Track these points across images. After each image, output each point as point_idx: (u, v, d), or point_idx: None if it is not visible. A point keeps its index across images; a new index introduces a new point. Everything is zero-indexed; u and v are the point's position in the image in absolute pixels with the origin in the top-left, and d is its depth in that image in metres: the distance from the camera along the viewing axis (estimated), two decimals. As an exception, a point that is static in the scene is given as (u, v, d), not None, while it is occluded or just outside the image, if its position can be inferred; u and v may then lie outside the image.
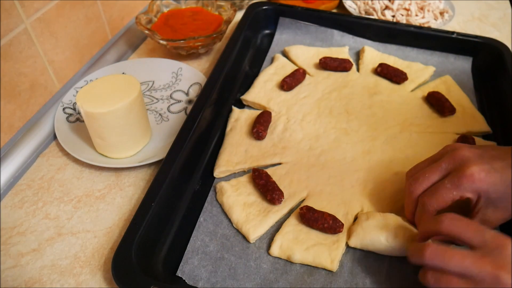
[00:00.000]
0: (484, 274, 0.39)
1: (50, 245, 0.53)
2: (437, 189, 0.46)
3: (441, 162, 0.47)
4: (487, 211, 0.46)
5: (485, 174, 0.44)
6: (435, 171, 0.47)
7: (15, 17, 0.59)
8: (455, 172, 0.45)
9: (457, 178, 0.45)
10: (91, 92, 0.58)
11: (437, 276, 0.41)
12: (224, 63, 0.71)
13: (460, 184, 0.44)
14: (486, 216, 0.46)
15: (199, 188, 0.58)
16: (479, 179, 0.44)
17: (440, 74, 0.76)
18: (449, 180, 0.45)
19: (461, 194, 0.45)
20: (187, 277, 0.48)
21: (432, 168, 0.48)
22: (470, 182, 0.44)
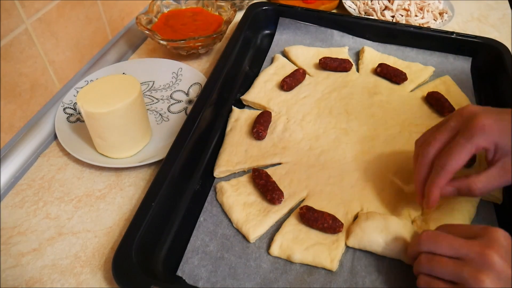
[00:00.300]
0: (473, 254, 0.40)
1: (50, 244, 0.53)
2: (451, 148, 0.45)
3: (450, 122, 0.47)
4: (506, 160, 0.45)
5: (494, 122, 0.44)
6: (444, 131, 0.47)
7: (16, 17, 0.60)
8: (465, 127, 0.45)
9: (468, 131, 0.44)
10: (91, 92, 0.58)
11: (429, 257, 0.42)
12: (224, 63, 0.71)
13: (472, 136, 0.44)
14: (507, 166, 0.45)
15: (199, 188, 0.59)
16: (490, 127, 0.44)
17: (440, 74, 0.77)
18: (461, 135, 0.45)
19: (476, 146, 0.45)
20: (187, 276, 0.48)
21: (441, 129, 0.47)
22: (482, 132, 0.44)
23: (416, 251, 0.45)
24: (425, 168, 0.48)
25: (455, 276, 0.41)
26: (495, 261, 0.39)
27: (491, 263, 0.39)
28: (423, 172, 0.49)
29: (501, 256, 0.39)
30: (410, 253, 0.47)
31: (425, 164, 0.48)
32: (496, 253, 0.39)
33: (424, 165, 0.48)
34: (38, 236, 0.54)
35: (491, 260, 0.39)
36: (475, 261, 0.40)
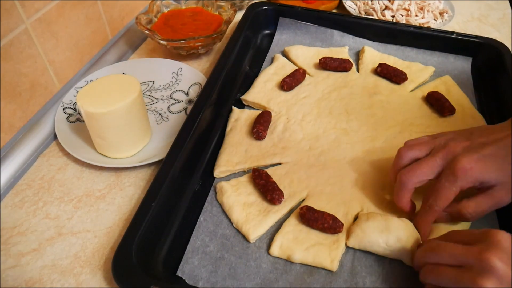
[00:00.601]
0: (472, 259, 0.40)
1: (50, 245, 0.53)
2: (437, 190, 0.49)
3: (436, 158, 0.49)
4: (494, 190, 0.48)
5: (475, 163, 0.47)
6: (430, 167, 0.49)
7: (16, 17, 0.60)
8: (448, 169, 0.48)
9: (451, 174, 0.47)
10: (91, 92, 0.58)
11: (431, 268, 0.43)
12: (224, 63, 0.71)
13: (455, 179, 0.47)
14: (495, 194, 0.48)
15: (199, 188, 0.59)
16: (470, 169, 0.47)
17: (440, 74, 0.77)
18: (445, 179, 0.48)
19: (460, 187, 0.48)
20: (187, 277, 0.48)
21: (428, 163, 0.50)
22: (464, 175, 0.47)
23: (421, 261, 0.46)
24: (407, 194, 0.51)
25: (457, 284, 0.41)
26: (494, 264, 0.39)
27: (490, 267, 0.39)
28: (406, 198, 0.51)
29: (500, 258, 0.39)
30: (416, 262, 0.47)
31: (406, 190, 0.51)
32: (495, 256, 0.39)
33: (406, 191, 0.51)
34: (38, 236, 0.54)
35: (490, 264, 0.39)
36: (475, 266, 0.40)
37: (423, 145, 0.52)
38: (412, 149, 0.52)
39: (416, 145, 0.52)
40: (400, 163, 0.52)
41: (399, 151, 0.53)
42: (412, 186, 0.50)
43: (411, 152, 0.52)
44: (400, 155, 0.53)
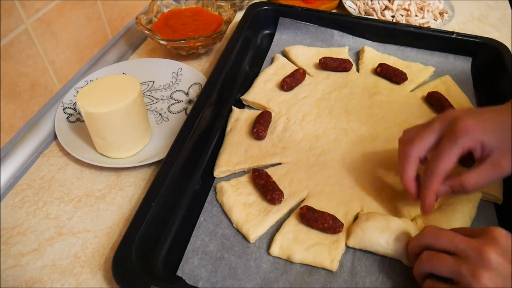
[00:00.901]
0: (470, 250, 0.41)
1: (50, 245, 0.53)
2: (439, 152, 0.47)
3: (434, 123, 0.49)
4: (494, 156, 0.47)
5: (476, 122, 0.46)
6: (429, 132, 0.49)
7: (16, 17, 0.60)
8: (449, 131, 0.47)
9: (452, 134, 0.47)
10: (91, 92, 0.58)
11: (430, 254, 0.43)
12: (224, 63, 0.71)
13: (457, 138, 0.46)
14: (496, 161, 0.46)
15: (199, 188, 0.59)
16: (472, 128, 0.46)
17: (440, 74, 0.77)
18: (446, 139, 0.47)
19: (462, 148, 0.46)
20: (187, 276, 0.48)
21: (426, 130, 0.49)
22: (465, 133, 0.46)
23: (417, 244, 0.46)
24: (412, 167, 0.50)
25: (454, 273, 0.41)
26: (492, 258, 0.39)
27: (488, 260, 0.39)
28: (410, 171, 0.50)
29: (498, 253, 0.40)
30: (411, 247, 0.47)
31: (411, 162, 0.50)
32: (493, 250, 0.40)
33: (410, 163, 0.50)
34: (38, 236, 0.54)
35: (488, 257, 0.40)
36: (473, 258, 0.40)
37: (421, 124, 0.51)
38: (409, 131, 0.52)
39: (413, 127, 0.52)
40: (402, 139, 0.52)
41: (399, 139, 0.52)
42: (415, 156, 0.49)
43: (409, 133, 0.52)
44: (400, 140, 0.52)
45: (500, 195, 0.57)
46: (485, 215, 0.55)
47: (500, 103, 0.53)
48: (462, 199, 0.54)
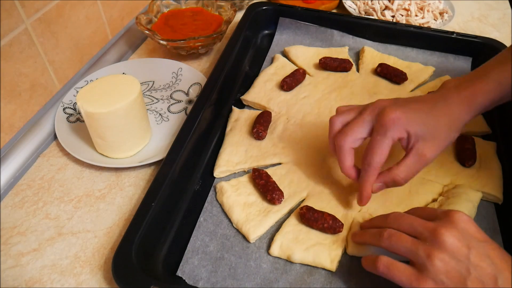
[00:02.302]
0: (427, 232, 0.42)
1: (50, 245, 0.53)
2: (372, 146, 0.50)
3: (364, 115, 0.51)
4: (419, 146, 0.49)
5: (401, 113, 0.48)
6: (361, 124, 0.51)
7: (16, 17, 0.59)
8: (378, 123, 0.49)
9: (381, 127, 0.49)
10: (91, 92, 0.58)
11: (391, 233, 0.44)
12: (224, 63, 0.71)
13: (386, 131, 0.48)
14: (420, 151, 0.49)
15: (199, 188, 0.59)
16: (398, 119, 0.48)
17: (440, 74, 0.77)
18: (377, 132, 0.49)
19: (392, 138, 0.49)
20: (187, 277, 0.48)
21: (358, 121, 0.51)
22: (393, 125, 0.48)
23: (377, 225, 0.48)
24: (347, 157, 0.52)
25: (411, 253, 0.42)
26: (447, 240, 0.40)
27: (443, 242, 0.40)
28: (347, 161, 0.52)
29: (454, 236, 0.40)
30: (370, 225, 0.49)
31: (346, 153, 0.52)
32: (449, 232, 0.41)
33: (346, 154, 0.52)
34: (38, 236, 0.54)
35: (443, 239, 0.40)
36: (429, 239, 0.41)
37: (353, 109, 0.53)
38: (342, 115, 0.53)
39: (346, 110, 0.54)
40: (333, 130, 0.53)
41: (331, 119, 0.54)
42: (348, 147, 0.51)
43: (341, 117, 0.53)
44: (331, 122, 0.54)
45: (500, 195, 0.57)
46: (485, 215, 0.55)
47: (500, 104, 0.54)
48: (462, 199, 0.54)
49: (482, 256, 0.40)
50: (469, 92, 0.51)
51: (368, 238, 0.48)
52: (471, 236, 0.41)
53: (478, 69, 0.53)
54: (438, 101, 0.50)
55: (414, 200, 0.56)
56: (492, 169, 0.60)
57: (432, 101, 0.51)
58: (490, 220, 0.55)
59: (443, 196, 0.56)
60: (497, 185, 0.58)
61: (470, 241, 0.41)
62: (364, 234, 0.49)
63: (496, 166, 0.60)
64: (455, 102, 0.50)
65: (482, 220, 0.55)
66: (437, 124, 0.49)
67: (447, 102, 0.50)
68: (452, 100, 0.50)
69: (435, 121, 0.49)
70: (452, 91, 0.51)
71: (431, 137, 0.49)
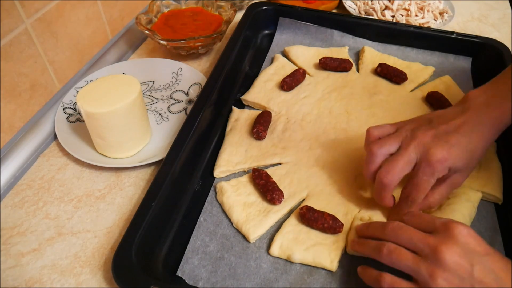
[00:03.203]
0: (427, 249, 0.42)
1: (50, 245, 0.53)
2: (418, 184, 0.50)
3: (409, 152, 0.50)
4: (454, 176, 0.51)
5: (447, 153, 0.48)
6: (407, 162, 0.50)
7: (16, 17, 0.60)
8: (424, 163, 0.49)
9: (428, 167, 0.49)
10: (91, 92, 0.58)
11: (391, 249, 0.44)
12: (224, 63, 0.71)
13: (433, 172, 0.49)
14: (455, 181, 0.51)
15: (199, 188, 0.59)
16: (445, 160, 0.48)
17: (440, 74, 0.77)
18: (423, 173, 0.49)
19: (437, 178, 0.49)
20: (187, 277, 0.48)
21: (403, 159, 0.50)
22: (440, 166, 0.48)
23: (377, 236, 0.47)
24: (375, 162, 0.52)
25: (413, 272, 0.42)
26: (448, 258, 0.40)
27: (444, 261, 0.40)
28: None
29: (455, 253, 0.40)
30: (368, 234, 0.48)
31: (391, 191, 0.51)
32: (450, 250, 0.40)
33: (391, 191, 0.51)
34: (38, 236, 0.54)
35: (444, 257, 0.40)
36: (430, 257, 0.41)
37: (392, 139, 0.52)
38: (383, 146, 0.52)
39: (385, 140, 0.52)
40: (375, 162, 0.52)
41: (371, 150, 0.52)
42: (394, 186, 0.51)
43: (383, 149, 0.52)
44: (372, 153, 0.52)
45: (500, 195, 0.57)
46: (485, 215, 0.55)
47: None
48: (462, 199, 0.54)
49: (486, 271, 0.39)
50: (498, 113, 0.51)
51: (368, 251, 0.47)
52: (473, 251, 0.41)
53: (502, 79, 0.54)
54: (474, 129, 0.50)
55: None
56: (492, 169, 0.60)
57: (468, 127, 0.50)
58: (490, 220, 0.55)
59: (443, 196, 0.56)
60: (497, 185, 0.58)
61: (472, 257, 0.40)
62: (363, 246, 0.48)
63: (496, 166, 0.60)
64: (487, 125, 0.51)
65: (482, 220, 0.55)
66: (474, 156, 0.50)
67: (481, 128, 0.50)
68: (485, 123, 0.51)
69: (473, 154, 0.50)
70: (483, 111, 0.51)
71: (466, 168, 0.50)
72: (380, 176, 0.50)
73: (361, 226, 0.51)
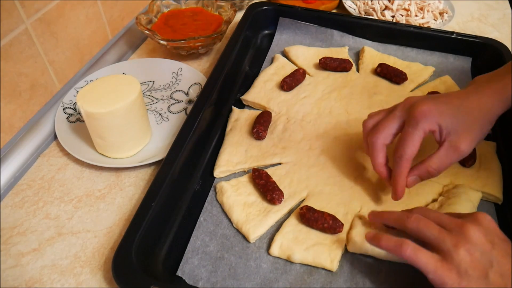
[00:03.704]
0: (454, 224, 0.44)
1: (50, 245, 0.53)
2: (403, 138, 0.50)
3: (395, 111, 0.52)
4: (452, 138, 0.50)
5: (433, 105, 0.49)
6: (392, 120, 0.52)
7: (16, 17, 0.60)
8: (409, 117, 0.50)
9: (413, 119, 0.50)
10: (91, 92, 0.58)
11: (419, 218, 0.45)
12: (224, 63, 0.71)
13: (417, 122, 0.49)
14: (453, 144, 0.50)
15: (199, 188, 0.59)
16: (430, 111, 0.49)
17: (440, 74, 0.77)
18: (408, 125, 0.50)
19: (423, 130, 0.50)
20: (187, 276, 0.48)
21: (389, 118, 0.52)
22: (424, 117, 0.49)
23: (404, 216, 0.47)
24: (380, 154, 0.53)
25: (438, 240, 0.43)
26: (473, 233, 0.42)
27: (469, 235, 0.42)
28: (380, 158, 0.53)
29: (479, 231, 0.42)
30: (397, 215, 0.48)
31: (378, 150, 0.52)
32: (475, 227, 0.42)
33: (378, 151, 0.53)
34: (38, 236, 0.54)
35: (469, 232, 0.42)
36: (455, 231, 0.43)
37: (383, 110, 0.54)
38: (373, 117, 0.54)
39: (376, 112, 0.55)
40: (366, 130, 0.54)
41: (363, 122, 0.55)
42: (381, 143, 0.52)
43: (372, 119, 0.54)
44: (364, 124, 0.55)
45: (500, 195, 0.57)
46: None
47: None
48: (462, 199, 0.54)
49: (504, 253, 0.42)
50: (500, 85, 0.51)
51: (392, 220, 0.48)
52: (495, 234, 0.43)
53: (508, 64, 0.54)
54: (469, 95, 0.51)
55: (414, 200, 0.56)
56: (492, 169, 0.60)
57: (464, 95, 0.51)
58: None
59: (443, 196, 0.56)
60: (497, 185, 0.58)
61: (493, 238, 0.42)
62: (386, 215, 0.49)
63: (496, 166, 0.60)
64: (487, 94, 0.51)
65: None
66: (469, 117, 0.49)
67: (478, 95, 0.51)
68: (484, 93, 0.51)
69: (467, 114, 0.49)
70: (483, 85, 0.52)
71: (463, 130, 0.49)
72: (367, 136, 0.52)
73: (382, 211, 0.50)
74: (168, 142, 0.64)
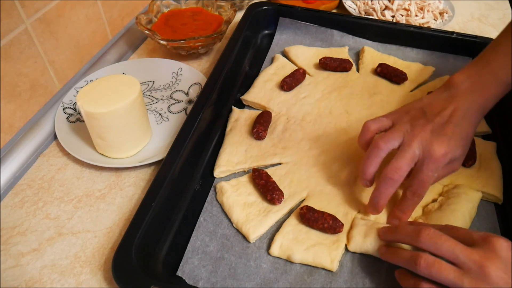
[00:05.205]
0: (471, 263, 0.41)
1: (50, 245, 0.53)
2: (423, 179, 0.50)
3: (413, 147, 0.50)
4: (453, 163, 0.52)
5: (447, 146, 0.50)
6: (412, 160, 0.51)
7: (16, 17, 0.60)
8: (428, 159, 0.50)
9: (433, 164, 0.50)
10: (91, 92, 0.58)
11: (430, 262, 0.42)
12: (224, 63, 0.71)
13: (438, 167, 0.50)
14: (453, 167, 0.53)
15: (199, 188, 0.59)
16: (446, 154, 0.50)
17: (440, 74, 0.77)
18: (427, 168, 0.50)
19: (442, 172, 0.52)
20: (187, 277, 0.48)
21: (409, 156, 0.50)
22: (443, 160, 0.50)
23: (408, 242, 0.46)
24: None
25: (456, 285, 0.41)
26: (493, 273, 0.40)
27: (489, 275, 0.40)
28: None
29: (499, 267, 0.40)
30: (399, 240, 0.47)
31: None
32: (494, 265, 0.40)
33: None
34: (37, 236, 0.54)
35: (489, 273, 0.40)
36: (473, 272, 0.41)
37: (395, 134, 0.53)
38: (389, 141, 0.52)
39: (390, 135, 0.53)
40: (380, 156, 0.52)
41: (378, 144, 0.52)
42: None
43: (389, 144, 0.52)
44: (379, 147, 0.52)
45: (500, 195, 0.57)
46: (485, 215, 0.55)
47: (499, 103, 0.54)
48: (462, 199, 0.54)
49: None
50: (483, 99, 0.53)
51: (401, 262, 0.46)
52: None
53: (482, 62, 0.56)
54: (464, 116, 0.52)
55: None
56: (492, 169, 0.60)
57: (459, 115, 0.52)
58: (490, 220, 0.55)
59: (443, 196, 0.56)
60: (497, 185, 0.58)
61: None
62: (395, 256, 0.47)
63: (496, 166, 0.60)
64: (473, 110, 0.53)
65: (482, 220, 0.55)
66: (467, 142, 0.53)
67: (469, 113, 0.52)
68: (472, 108, 0.53)
69: (467, 140, 0.52)
70: (470, 98, 0.53)
71: (463, 154, 0.52)
72: (390, 173, 0.50)
73: (386, 230, 0.49)
74: (168, 142, 0.64)
